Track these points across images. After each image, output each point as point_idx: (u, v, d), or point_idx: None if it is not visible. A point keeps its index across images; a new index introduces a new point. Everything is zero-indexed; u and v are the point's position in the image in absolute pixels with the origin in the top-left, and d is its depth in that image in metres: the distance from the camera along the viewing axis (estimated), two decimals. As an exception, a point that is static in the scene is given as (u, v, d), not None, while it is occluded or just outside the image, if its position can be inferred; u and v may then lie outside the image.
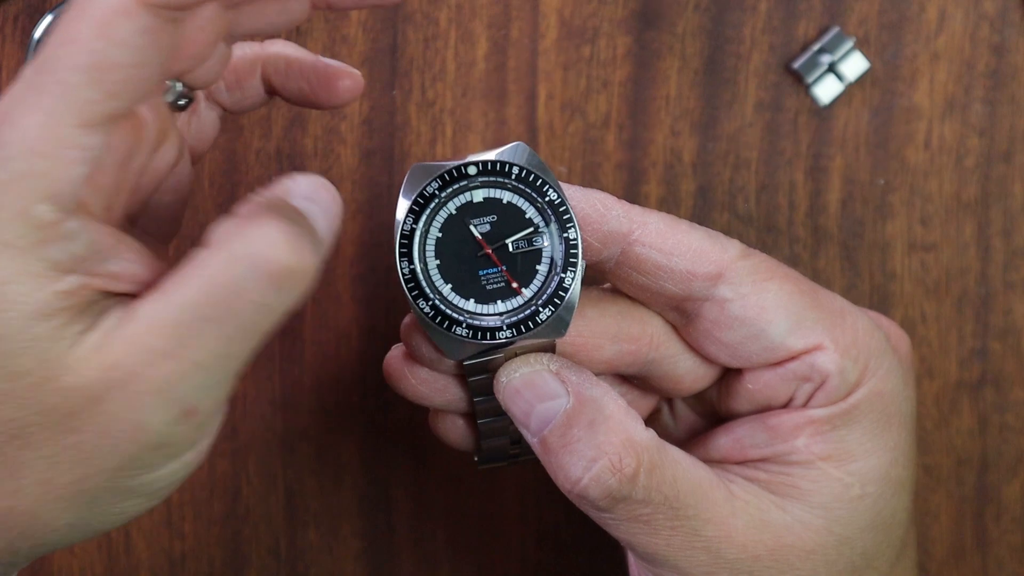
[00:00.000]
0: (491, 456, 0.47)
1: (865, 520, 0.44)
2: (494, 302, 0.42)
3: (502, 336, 0.42)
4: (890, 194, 0.55)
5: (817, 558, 0.43)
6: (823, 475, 0.44)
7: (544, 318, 0.42)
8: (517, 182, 0.42)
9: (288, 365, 0.55)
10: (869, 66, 0.54)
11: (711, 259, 0.43)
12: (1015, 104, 0.54)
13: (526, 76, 0.54)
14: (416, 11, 0.53)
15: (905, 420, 0.45)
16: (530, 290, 0.42)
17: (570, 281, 0.42)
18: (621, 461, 0.41)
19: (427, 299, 0.42)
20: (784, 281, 0.44)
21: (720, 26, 0.54)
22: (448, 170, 0.42)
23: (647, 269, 0.43)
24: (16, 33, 0.53)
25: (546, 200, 0.42)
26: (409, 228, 0.42)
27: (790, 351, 0.44)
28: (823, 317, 0.44)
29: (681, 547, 0.43)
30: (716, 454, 0.46)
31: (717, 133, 0.54)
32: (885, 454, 0.44)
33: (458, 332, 0.42)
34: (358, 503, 0.56)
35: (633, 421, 0.42)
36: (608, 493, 0.42)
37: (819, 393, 0.44)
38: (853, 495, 0.44)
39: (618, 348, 0.44)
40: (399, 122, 0.54)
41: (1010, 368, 0.55)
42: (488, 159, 0.42)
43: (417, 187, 0.42)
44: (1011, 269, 0.55)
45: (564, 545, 0.56)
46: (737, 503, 0.43)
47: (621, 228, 0.43)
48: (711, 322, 0.44)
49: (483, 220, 0.42)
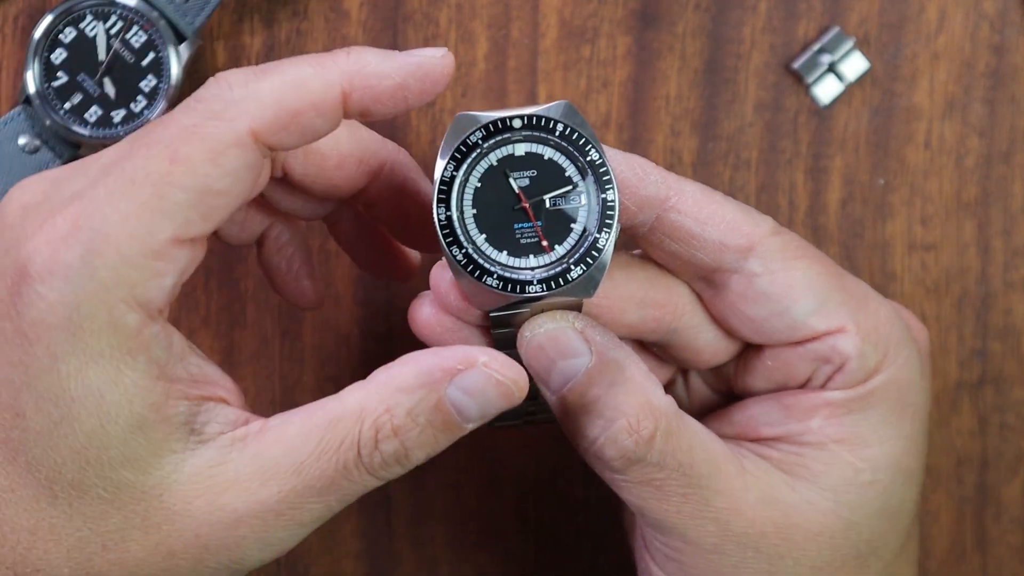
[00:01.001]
0: (506, 413, 0.47)
1: (874, 507, 0.44)
2: (527, 256, 0.42)
3: (532, 290, 0.42)
4: (890, 194, 0.55)
5: (823, 540, 0.44)
6: (835, 458, 0.44)
7: (575, 276, 0.42)
8: (560, 139, 0.42)
9: (288, 365, 0.55)
10: (869, 66, 0.54)
11: (743, 232, 0.44)
12: (1015, 104, 0.54)
13: (526, 76, 0.54)
14: (416, 11, 0.53)
15: (919, 412, 0.45)
16: (563, 248, 0.42)
17: (604, 242, 0.42)
18: (639, 423, 0.42)
19: (460, 247, 0.42)
20: (813, 261, 0.45)
21: (720, 26, 0.54)
22: (493, 121, 0.42)
23: (680, 236, 0.43)
24: (16, 33, 0.53)
25: (587, 159, 0.42)
26: (449, 175, 0.42)
27: (813, 331, 0.44)
28: (848, 300, 0.45)
29: (691, 515, 0.43)
30: (730, 430, 0.46)
31: (717, 133, 0.54)
32: (898, 443, 0.45)
33: (488, 282, 0.42)
34: (358, 503, 0.56)
35: (653, 386, 0.43)
36: (623, 454, 0.42)
37: (837, 376, 0.44)
38: (863, 480, 0.44)
39: (643, 313, 0.44)
40: (399, 122, 0.54)
41: (1010, 368, 0.55)
42: (533, 113, 0.42)
43: (460, 136, 0.42)
44: (1011, 269, 0.55)
45: (564, 545, 0.56)
46: (748, 478, 0.43)
47: (658, 194, 0.43)
48: (738, 295, 0.44)
49: (523, 174, 0.42)
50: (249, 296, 0.54)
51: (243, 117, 0.39)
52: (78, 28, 0.51)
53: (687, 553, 0.44)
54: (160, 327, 0.39)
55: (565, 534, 0.56)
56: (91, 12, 0.50)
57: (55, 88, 0.51)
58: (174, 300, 0.41)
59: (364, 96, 0.40)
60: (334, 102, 0.40)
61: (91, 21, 0.51)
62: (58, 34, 0.50)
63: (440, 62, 0.41)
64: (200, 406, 0.40)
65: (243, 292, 0.54)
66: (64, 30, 0.51)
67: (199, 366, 0.40)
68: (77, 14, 0.50)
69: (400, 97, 0.41)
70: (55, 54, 0.51)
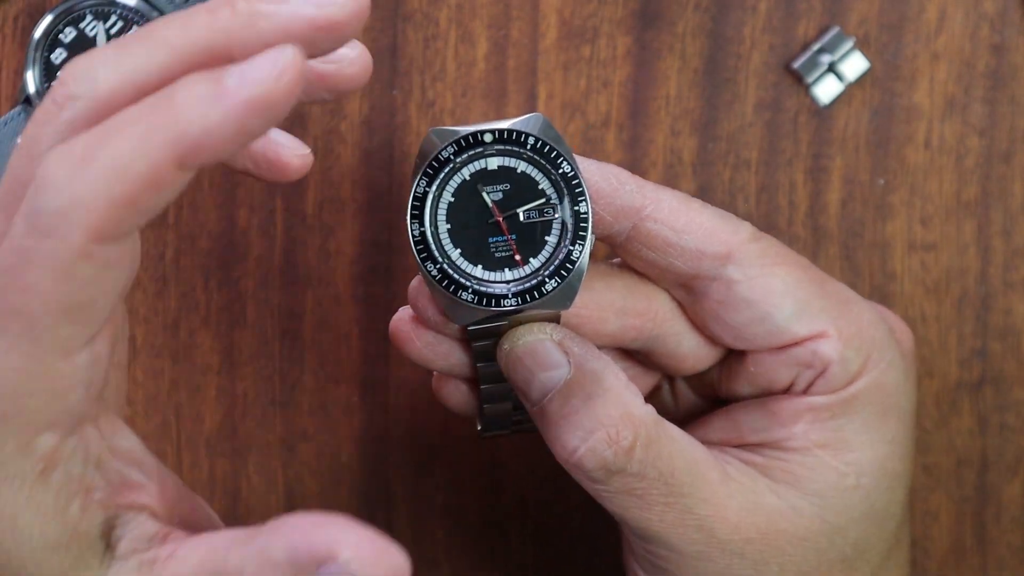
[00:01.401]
0: (493, 423, 0.47)
1: (858, 511, 0.44)
2: (502, 270, 0.42)
3: (507, 304, 0.42)
4: (890, 194, 0.54)
5: (808, 545, 0.44)
6: (819, 463, 0.44)
7: (550, 289, 0.42)
8: (532, 152, 0.42)
9: (288, 365, 0.55)
10: (869, 66, 0.54)
11: (721, 239, 0.44)
12: (1015, 104, 0.54)
13: (526, 76, 0.54)
14: (416, 11, 0.53)
15: (904, 414, 0.45)
16: (538, 260, 0.42)
17: (578, 254, 0.42)
18: (618, 434, 0.42)
19: (435, 262, 0.42)
20: (793, 267, 0.44)
21: (720, 26, 0.54)
22: (464, 136, 0.42)
23: (657, 245, 0.43)
24: (16, 33, 0.53)
25: (559, 172, 0.42)
26: (422, 191, 0.42)
27: (794, 336, 0.44)
28: (829, 305, 0.44)
29: (673, 523, 0.43)
30: (714, 436, 0.46)
31: (717, 133, 0.54)
32: (882, 447, 0.45)
33: (464, 297, 0.42)
34: (358, 503, 0.56)
35: (632, 396, 0.43)
36: (603, 464, 0.42)
37: (820, 380, 0.44)
38: (848, 485, 0.44)
39: (623, 322, 0.44)
40: (399, 122, 0.54)
41: (1010, 368, 0.55)
42: (504, 127, 0.42)
43: (432, 151, 0.42)
44: (1011, 269, 0.55)
45: (564, 545, 0.56)
46: (732, 484, 0.43)
47: (634, 203, 0.43)
48: (717, 302, 0.44)
49: (496, 188, 0.43)
50: (249, 296, 0.54)
51: (75, 231, 0.34)
52: (78, 28, 0.51)
53: (672, 561, 0.44)
54: (78, 439, 0.37)
55: (562, 536, 0.56)
56: (91, 12, 0.50)
57: (55, 88, 0.51)
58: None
59: (204, 160, 0.34)
60: (170, 176, 0.34)
61: (91, 21, 0.51)
62: (58, 34, 0.51)
63: (277, 84, 0.33)
64: (117, 518, 0.38)
65: (243, 292, 0.54)
66: (64, 30, 0.51)
67: (120, 471, 0.38)
68: (77, 14, 0.51)
69: (241, 142, 0.34)
70: (55, 54, 0.51)
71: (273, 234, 0.54)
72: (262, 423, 0.55)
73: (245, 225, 0.54)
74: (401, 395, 0.55)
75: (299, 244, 0.54)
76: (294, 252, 0.54)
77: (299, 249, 0.54)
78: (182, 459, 0.55)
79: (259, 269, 0.54)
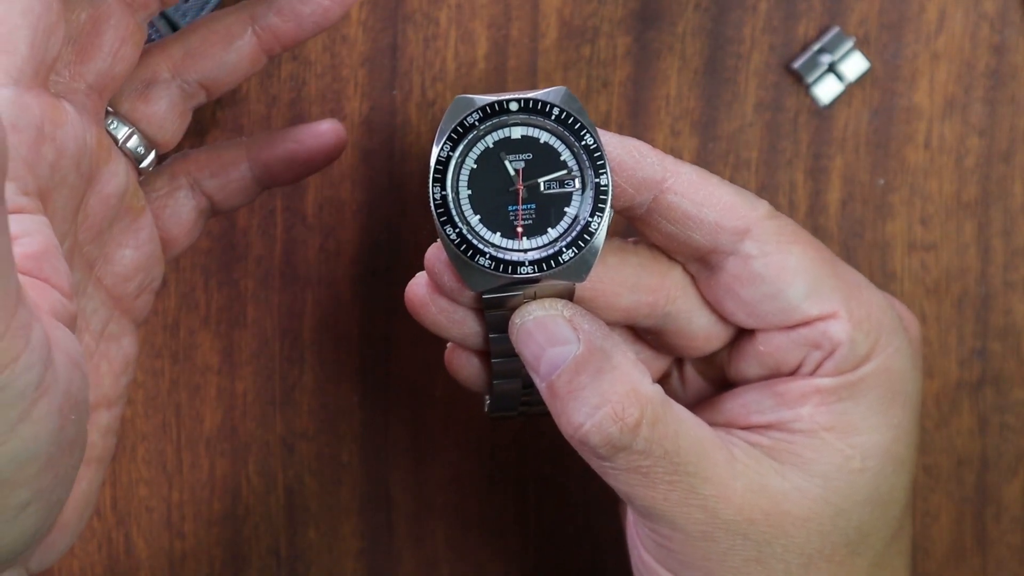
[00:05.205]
0: (502, 402, 0.47)
1: (863, 494, 0.44)
2: (520, 238, 0.43)
3: (523, 271, 0.42)
4: (890, 194, 0.55)
5: (812, 527, 0.44)
6: (825, 445, 0.44)
7: (567, 259, 0.42)
8: (556, 123, 0.43)
9: (288, 365, 0.55)
10: (869, 66, 0.54)
11: (740, 214, 0.44)
12: (1015, 104, 0.54)
13: (526, 76, 0.54)
14: (416, 11, 0.53)
15: (910, 400, 0.46)
16: (556, 231, 0.43)
17: (596, 226, 0.42)
18: (624, 410, 0.42)
19: (455, 227, 0.42)
20: (807, 247, 0.45)
21: (720, 26, 0.54)
22: (490, 103, 0.42)
23: (676, 217, 0.44)
24: None
25: (582, 144, 0.43)
26: (445, 155, 0.42)
27: (805, 315, 0.45)
28: (840, 287, 0.45)
29: (678, 503, 0.43)
30: (721, 418, 0.46)
31: (717, 133, 0.54)
32: (888, 431, 0.45)
33: (481, 263, 0.42)
34: (358, 503, 0.56)
35: (640, 374, 0.43)
36: (609, 441, 0.42)
37: (828, 362, 0.45)
38: (853, 467, 0.44)
39: (635, 298, 0.45)
40: (399, 122, 0.54)
41: (1010, 368, 0.55)
42: (530, 97, 0.43)
43: (457, 117, 0.42)
44: (1011, 269, 0.55)
45: (564, 545, 0.56)
46: (738, 466, 0.44)
47: (655, 175, 0.43)
48: (732, 276, 0.44)
49: (519, 157, 0.43)
50: (249, 296, 0.55)
51: None
52: None
53: (676, 540, 0.44)
54: None
55: (565, 534, 0.56)
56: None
57: (55, 88, 0.51)
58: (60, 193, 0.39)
59: None
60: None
61: None
62: (58, 34, 0.50)
63: None
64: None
65: (243, 292, 0.54)
66: (64, 30, 0.51)
67: None
68: None
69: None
70: (55, 54, 0.51)
71: (273, 234, 0.54)
72: (262, 423, 0.55)
73: (245, 225, 0.54)
74: (401, 395, 0.55)
75: (299, 244, 0.54)
76: (294, 252, 0.54)
77: (299, 249, 0.54)
78: (182, 459, 0.55)
79: (259, 269, 0.54)
